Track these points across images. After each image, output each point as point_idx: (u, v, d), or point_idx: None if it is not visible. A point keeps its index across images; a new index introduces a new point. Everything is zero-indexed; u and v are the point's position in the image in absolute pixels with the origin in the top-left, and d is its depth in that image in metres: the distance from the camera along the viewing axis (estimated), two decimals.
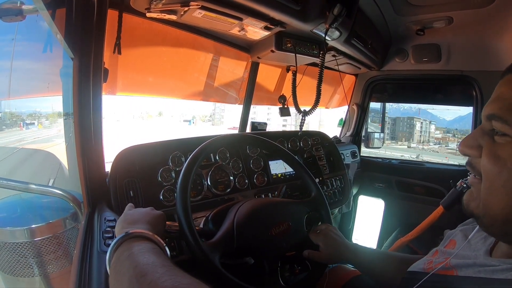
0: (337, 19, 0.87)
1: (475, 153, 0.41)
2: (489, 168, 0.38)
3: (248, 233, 0.66)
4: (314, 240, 0.77)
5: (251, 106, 1.52)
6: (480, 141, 0.41)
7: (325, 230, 0.78)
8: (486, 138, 0.40)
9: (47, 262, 0.86)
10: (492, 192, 0.38)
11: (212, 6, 0.77)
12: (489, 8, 1.12)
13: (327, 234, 0.77)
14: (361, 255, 0.75)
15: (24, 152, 1.35)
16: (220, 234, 0.65)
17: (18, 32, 0.95)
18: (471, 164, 0.42)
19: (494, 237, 0.44)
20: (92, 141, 0.74)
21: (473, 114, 1.59)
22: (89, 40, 0.69)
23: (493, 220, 0.39)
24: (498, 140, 0.38)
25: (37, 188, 0.84)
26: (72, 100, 0.72)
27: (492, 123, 0.39)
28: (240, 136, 0.97)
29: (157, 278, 0.38)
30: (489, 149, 0.39)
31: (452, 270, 0.46)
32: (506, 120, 0.37)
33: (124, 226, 0.55)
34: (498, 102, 0.39)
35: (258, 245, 0.67)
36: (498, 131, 0.38)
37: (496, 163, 0.37)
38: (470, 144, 0.42)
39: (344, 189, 1.34)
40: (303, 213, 0.78)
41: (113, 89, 1.07)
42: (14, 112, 2.29)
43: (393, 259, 0.73)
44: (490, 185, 0.38)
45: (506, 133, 0.37)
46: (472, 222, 0.56)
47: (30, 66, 1.10)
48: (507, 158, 0.36)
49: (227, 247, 0.63)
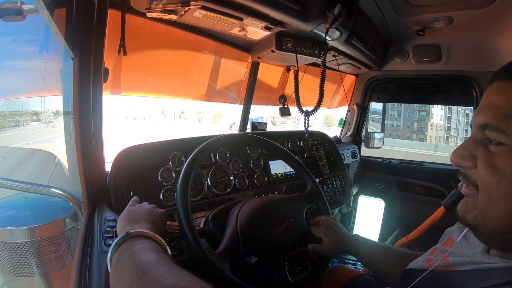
0: (337, 19, 0.87)
1: (470, 164, 0.39)
2: (487, 179, 0.37)
3: (253, 237, 0.67)
4: (315, 233, 0.78)
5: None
6: (474, 151, 0.39)
7: (325, 221, 0.79)
8: (480, 148, 0.39)
9: (47, 262, 0.86)
10: (491, 203, 0.37)
11: (212, 6, 0.77)
12: (489, 8, 1.12)
13: (328, 226, 0.78)
14: (361, 246, 0.76)
15: (24, 152, 1.35)
16: (226, 242, 0.64)
17: (18, 32, 0.95)
18: (465, 175, 0.41)
19: (491, 247, 0.44)
20: (92, 141, 0.74)
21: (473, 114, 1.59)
22: (89, 40, 0.69)
23: (492, 230, 0.38)
24: (493, 149, 0.37)
25: (37, 188, 0.84)
26: (72, 100, 0.72)
27: (486, 132, 0.37)
28: (240, 136, 0.97)
29: (158, 276, 0.38)
30: (485, 159, 0.38)
31: (450, 267, 0.46)
32: (501, 129, 0.36)
33: (126, 225, 0.55)
34: (489, 110, 0.38)
35: (264, 247, 0.68)
36: (493, 140, 0.37)
37: (494, 173, 0.36)
38: (463, 155, 0.40)
39: (344, 189, 1.34)
40: (302, 207, 0.79)
41: (117, 89, 1.08)
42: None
43: (392, 253, 0.74)
44: (489, 196, 0.37)
45: (502, 142, 0.36)
46: None
47: (30, 66, 1.10)
48: (505, 167, 0.35)
49: (235, 254, 0.63)
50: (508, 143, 0.35)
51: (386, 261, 0.72)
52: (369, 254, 0.75)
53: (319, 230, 0.78)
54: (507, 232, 0.36)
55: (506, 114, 0.36)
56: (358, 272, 0.85)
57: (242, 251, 0.64)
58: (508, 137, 0.35)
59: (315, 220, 0.82)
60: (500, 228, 0.37)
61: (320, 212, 0.84)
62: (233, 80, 1.49)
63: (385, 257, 0.73)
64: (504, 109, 0.36)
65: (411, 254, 0.69)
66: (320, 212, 0.84)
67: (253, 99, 1.50)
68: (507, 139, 0.35)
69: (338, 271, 0.86)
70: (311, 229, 0.78)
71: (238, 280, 0.57)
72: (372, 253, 0.76)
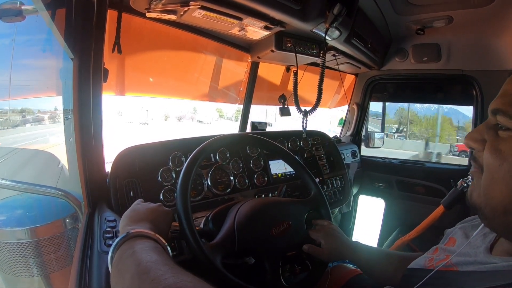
0: (337, 19, 0.86)
1: (479, 147, 0.42)
2: (490, 161, 0.39)
3: (249, 234, 0.66)
4: (314, 237, 0.76)
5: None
6: (485, 135, 0.42)
7: (325, 227, 0.78)
8: (490, 133, 0.41)
9: (47, 262, 0.86)
10: (492, 184, 0.39)
11: (212, 6, 0.77)
12: (489, 7, 1.12)
13: (327, 231, 0.77)
14: (361, 254, 0.75)
15: (24, 152, 1.35)
16: (221, 235, 0.65)
17: (18, 32, 0.95)
18: (474, 157, 0.44)
19: (496, 232, 0.45)
20: (92, 141, 0.74)
21: (473, 114, 1.58)
22: (89, 40, 0.69)
23: (494, 210, 0.40)
24: (501, 134, 0.40)
25: (37, 188, 0.84)
26: (72, 100, 0.72)
27: (497, 117, 0.40)
28: (240, 136, 0.97)
29: (159, 276, 0.39)
30: (491, 143, 0.40)
31: (453, 267, 0.46)
32: (509, 115, 0.38)
33: (128, 224, 0.55)
34: (503, 97, 0.40)
35: (259, 246, 0.67)
36: (502, 126, 0.39)
37: (497, 156, 0.39)
38: (475, 137, 0.43)
39: (344, 188, 1.34)
40: (303, 212, 0.78)
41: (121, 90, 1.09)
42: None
43: (393, 258, 0.73)
44: (491, 177, 0.40)
45: (509, 127, 0.38)
46: (471, 220, 0.57)
47: (30, 66, 1.10)
48: (507, 152, 0.38)
49: (228, 248, 0.63)
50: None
51: (388, 267, 0.71)
52: (370, 261, 0.74)
53: (318, 234, 0.76)
54: (506, 213, 0.38)
55: None
56: (358, 272, 0.85)
57: (236, 246, 0.63)
58: None
59: (315, 223, 0.81)
60: (500, 209, 0.39)
61: (322, 218, 0.83)
62: (233, 80, 1.49)
63: (387, 263, 0.72)
64: None
65: (412, 257, 0.69)
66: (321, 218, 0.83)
67: (253, 99, 1.50)
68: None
69: (338, 271, 0.86)
70: (310, 232, 0.77)
71: (227, 273, 0.57)
72: (373, 260, 0.75)
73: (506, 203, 0.38)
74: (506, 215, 0.38)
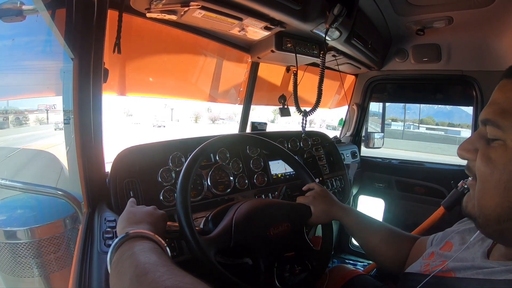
0: (337, 19, 0.86)
1: (472, 157, 0.42)
2: (482, 170, 0.40)
3: (246, 231, 0.66)
4: (303, 202, 0.78)
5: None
6: (477, 145, 0.42)
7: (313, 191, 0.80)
8: (481, 142, 0.41)
9: (47, 263, 0.86)
10: (484, 192, 0.40)
11: (212, 6, 0.77)
12: (489, 8, 1.12)
13: (315, 195, 0.78)
14: (351, 215, 0.77)
15: (24, 152, 1.35)
16: (218, 230, 0.65)
17: (18, 32, 0.95)
18: (469, 167, 0.44)
19: (491, 239, 0.45)
20: (92, 141, 0.74)
21: (473, 114, 1.59)
22: (89, 40, 0.69)
23: (487, 220, 0.40)
24: (492, 143, 0.40)
25: (37, 188, 0.84)
26: (72, 100, 0.71)
27: (487, 128, 0.40)
28: (240, 136, 0.97)
29: (158, 277, 0.38)
30: (483, 152, 0.40)
31: (450, 272, 0.46)
32: (498, 125, 0.38)
33: (126, 225, 0.55)
34: (492, 106, 0.40)
35: (255, 244, 0.67)
36: (492, 136, 0.39)
37: (487, 165, 0.39)
38: (467, 148, 0.43)
39: (344, 189, 1.34)
40: (303, 215, 0.78)
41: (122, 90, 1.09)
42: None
43: (382, 228, 0.75)
44: (483, 187, 0.40)
45: (498, 137, 0.38)
46: (470, 223, 0.56)
47: (30, 67, 1.10)
48: (497, 160, 0.38)
49: (223, 243, 0.63)
50: (503, 137, 0.38)
51: (374, 234, 0.73)
52: (357, 225, 0.76)
53: (306, 200, 0.78)
54: (499, 221, 0.38)
55: (503, 109, 0.38)
56: (358, 272, 0.85)
57: (232, 242, 0.63)
58: (503, 132, 0.38)
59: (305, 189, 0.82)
60: (493, 217, 0.39)
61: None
62: (233, 80, 1.49)
63: (374, 230, 0.74)
64: (502, 105, 0.39)
65: (402, 234, 0.70)
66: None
67: (253, 99, 1.50)
68: (502, 134, 0.38)
69: (338, 271, 0.86)
70: (297, 199, 0.79)
71: (219, 266, 0.57)
72: (361, 224, 0.76)
73: (499, 211, 0.38)
74: (500, 223, 0.38)
